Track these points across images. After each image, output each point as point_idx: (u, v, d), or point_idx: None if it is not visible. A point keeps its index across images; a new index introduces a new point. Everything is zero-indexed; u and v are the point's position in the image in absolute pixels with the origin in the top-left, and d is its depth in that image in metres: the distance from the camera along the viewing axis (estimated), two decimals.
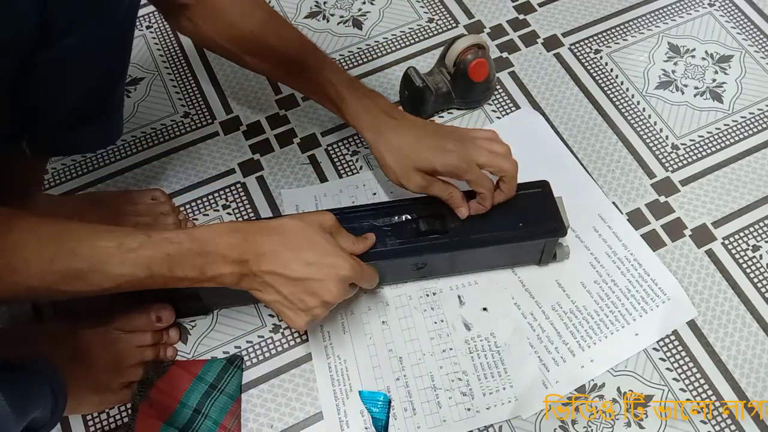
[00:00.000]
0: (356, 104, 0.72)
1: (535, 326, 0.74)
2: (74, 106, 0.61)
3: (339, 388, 0.71)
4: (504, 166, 0.68)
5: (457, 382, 0.71)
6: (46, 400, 0.54)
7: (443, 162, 0.68)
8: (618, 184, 0.84)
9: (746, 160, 0.85)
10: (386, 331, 0.74)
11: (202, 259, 0.57)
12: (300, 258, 0.59)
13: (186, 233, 0.57)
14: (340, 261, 0.60)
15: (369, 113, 0.71)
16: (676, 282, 0.76)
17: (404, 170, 0.69)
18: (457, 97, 0.88)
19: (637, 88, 0.91)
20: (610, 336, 0.73)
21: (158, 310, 0.72)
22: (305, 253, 0.59)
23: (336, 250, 0.61)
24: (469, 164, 0.68)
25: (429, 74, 0.87)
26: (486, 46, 0.85)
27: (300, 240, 0.60)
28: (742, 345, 0.73)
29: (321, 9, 1.01)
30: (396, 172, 0.70)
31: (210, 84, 0.94)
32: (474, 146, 0.69)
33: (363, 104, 0.72)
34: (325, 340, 0.74)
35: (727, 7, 0.98)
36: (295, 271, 0.58)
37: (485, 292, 0.76)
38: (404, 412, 0.70)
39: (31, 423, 0.51)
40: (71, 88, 0.59)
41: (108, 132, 0.69)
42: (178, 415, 0.69)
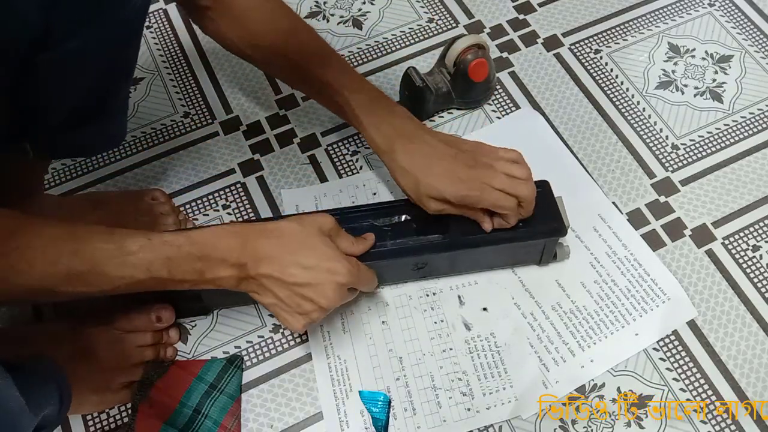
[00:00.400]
0: (372, 129, 0.70)
1: (535, 326, 0.74)
2: (75, 106, 0.61)
3: (339, 388, 0.71)
4: (521, 193, 0.67)
5: (457, 382, 0.71)
6: (54, 398, 0.55)
7: (453, 193, 0.66)
8: (618, 184, 0.84)
9: (746, 160, 0.85)
10: (386, 331, 0.74)
11: (201, 263, 0.57)
12: (298, 262, 0.59)
13: (185, 236, 0.57)
14: (337, 266, 0.60)
15: (383, 136, 0.70)
16: (676, 282, 0.76)
17: (418, 196, 0.68)
18: (457, 97, 0.88)
19: (637, 88, 0.91)
20: (610, 336, 0.73)
21: (158, 311, 0.72)
22: (303, 258, 0.59)
23: (334, 255, 0.61)
24: (482, 191, 0.66)
25: (429, 74, 0.87)
26: (486, 46, 0.85)
27: (298, 244, 0.60)
28: (742, 345, 0.73)
29: (321, 9, 1.01)
30: (412, 196, 0.69)
31: (210, 84, 0.94)
32: (490, 171, 0.67)
33: (378, 127, 0.70)
34: (325, 340, 0.74)
35: (727, 7, 0.98)
36: (293, 275, 0.59)
37: (485, 292, 0.76)
38: (404, 412, 0.70)
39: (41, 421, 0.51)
40: (72, 89, 0.59)
41: (110, 134, 0.69)
42: (178, 415, 0.69)
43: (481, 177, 0.66)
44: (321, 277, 0.59)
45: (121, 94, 0.66)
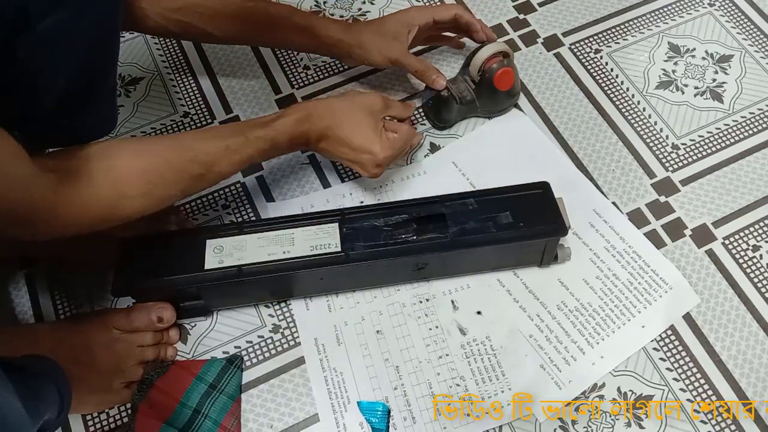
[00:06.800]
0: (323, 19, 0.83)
1: (543, 327, 0.74)
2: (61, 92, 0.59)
3: (336, 401, 0.71)
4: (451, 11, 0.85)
5: (455, 387, 0.71)
6: (54, 402, 0.55)
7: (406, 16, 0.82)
8: (618, 184, 0.84)
9: (746, 160, 0.85)
10: (381, 341, 0.74)
11: (287, 145, 0.71)
12: (347, 142, 0.73)
13: (270, 129, 0.69)
14: (376, 148, 0.73)
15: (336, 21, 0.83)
16: (676, 271, 0.76)
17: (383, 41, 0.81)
18: (481, 106, 0.86)
19: (638, 88, 0.91)
20: (618, 330, 0.73)
21: (159, 311, 0.71)
22: (351, 138, 0.73)
23: (375, 137, 0.73)
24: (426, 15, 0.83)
25: (452, 81, 0.86)
26: (511, 53, 0.84)
27: (350, 124, 0.73)
28: (742, 345, 0.73)
29: (321, 9, 1.01)
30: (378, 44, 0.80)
31: (210, 84, 0.94)
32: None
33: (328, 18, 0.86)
34: (320, 353, 0.73)
35: (727, 7, 0.98)
36: (344, 153, 0.74)
37: (478, 296, 0.76)
38: (404, 421, 0.69)
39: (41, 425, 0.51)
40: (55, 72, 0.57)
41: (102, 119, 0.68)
42: (178, 415, 0.69)
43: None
44: (363, 157, 0.73)
45: (109, 78, 0.65)
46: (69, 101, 0.61)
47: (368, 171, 0.75)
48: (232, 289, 0.72)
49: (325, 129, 0.72)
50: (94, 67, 0.61)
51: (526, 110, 0.90)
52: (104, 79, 0.64)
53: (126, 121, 0.90)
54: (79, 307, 0.77)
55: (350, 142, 0.73)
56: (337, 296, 0.77)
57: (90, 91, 0.63)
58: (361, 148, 0.73)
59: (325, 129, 0.72)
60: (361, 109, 0.74)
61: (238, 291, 0.74)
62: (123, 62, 0.96)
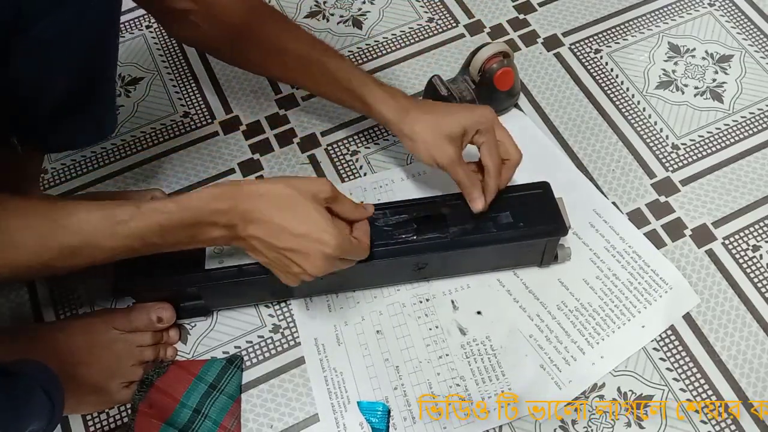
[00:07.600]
0: (380, 91, 0.73)
1: (543, 327, 0.74)
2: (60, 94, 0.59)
3: (336, 401, 0.71)
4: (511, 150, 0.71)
5: (455, 387, 0.71)
6: (42, 409, 0.54)
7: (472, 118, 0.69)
8: (618, 184, 0.84)
9: (746, 160, 0.85)
10: (381, 341, 0.74)
11: (193, 228, 0.58)
12: (287, 229, 0.58)
13: (175, 203, 0.57)
14: (327, 237, 0.58)
15: (394, 98, 0.73)
16: (676, 271, 0.76)
17: (435, 139, 0.69)
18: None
19: (638, 88, 0.91)
20: (618, 330, 0.73)
21: (159, 311, 0.71)
22: (293, 224, 0.58)
23: (325, 225, 0.59)
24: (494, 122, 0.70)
25: (452, 82, 0.86)
26: (511, 53, 0.84)
27: (290, 209, 0.58)
28: (742, 345, 0.73)
29: (321, 8, 1.01)
30: (428, 141, 0.70)
31: (210, 84, 0.94)
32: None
33: (386, 91, 0.73)
34: (320, 353, 0.73)
35: (727, 7, 0.98)
36: (281, 241, 0.58)
37: (478, 296, 0.76)
38: (404, 421, 0.69)
39: None
40: (53, 75, 0.57)
41: (101, 123, 0.67)
42: (178, 415, 0.69)
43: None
44: (309, 246, 0.58)
45: (108, 82, 0.64)
46: (68, 103, 0.61)
47: (312, 266, 0.59)
48: (232, 289, 0.72)
49: (253, 210, 0.58)
50: (94, 68, 0.61)
51: (526, 110, 0.90)
52: (104, 80, 0.63)
53: (126, 121, 0.90)
54: (79, 307, 0.77)
55: (292, 228, 0.58)
56: (337, 296, 0.76)
57: (90, 93, 0.62)
58: (307, 235, 0.58)
59: (253, 210, 0.58)
60: (301, 193, 0.59)
61: (238, 291, 0.74)
62: (123, 62, 0.96)
